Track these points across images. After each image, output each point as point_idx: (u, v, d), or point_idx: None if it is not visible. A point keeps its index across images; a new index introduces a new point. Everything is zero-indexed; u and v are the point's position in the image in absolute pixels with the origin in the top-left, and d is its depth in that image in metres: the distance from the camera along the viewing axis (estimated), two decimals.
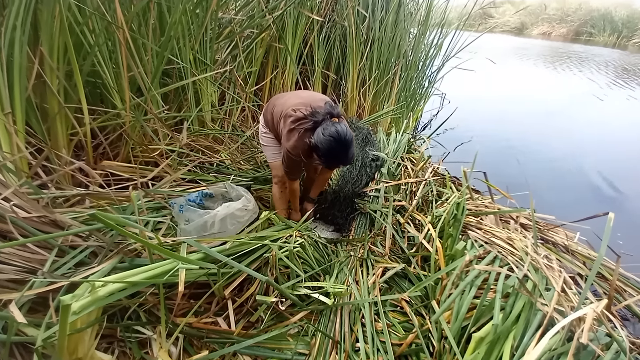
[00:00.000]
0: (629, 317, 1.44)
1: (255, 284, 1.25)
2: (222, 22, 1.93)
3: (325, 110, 1.30)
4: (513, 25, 16.40)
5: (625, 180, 2.71)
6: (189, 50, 1.75)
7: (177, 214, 1.31)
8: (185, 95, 1.84)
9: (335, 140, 1.22)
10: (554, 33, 14.88)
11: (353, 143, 1.28)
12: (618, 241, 1.93)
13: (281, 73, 2.34)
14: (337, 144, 1.23)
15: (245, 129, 2.16)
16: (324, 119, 1.27)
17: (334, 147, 1.23)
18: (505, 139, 3.44)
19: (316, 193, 1.74)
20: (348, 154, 1.27)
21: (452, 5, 3.00)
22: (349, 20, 2.44)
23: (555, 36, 14.60)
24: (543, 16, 15.54)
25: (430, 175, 1.84)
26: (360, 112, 2.92)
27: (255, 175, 1.81)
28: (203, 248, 1.05)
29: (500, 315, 0.99)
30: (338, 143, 1.23)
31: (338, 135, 1.22)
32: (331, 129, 1.23)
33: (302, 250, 1.35)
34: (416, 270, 1.41)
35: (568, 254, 1.49)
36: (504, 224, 1.53)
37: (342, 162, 1.32)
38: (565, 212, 1.72)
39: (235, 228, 1.30)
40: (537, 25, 15.65)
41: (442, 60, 3.11)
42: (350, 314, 1.24)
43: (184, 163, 1.68)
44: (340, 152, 1.26)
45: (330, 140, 1.22)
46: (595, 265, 0.96)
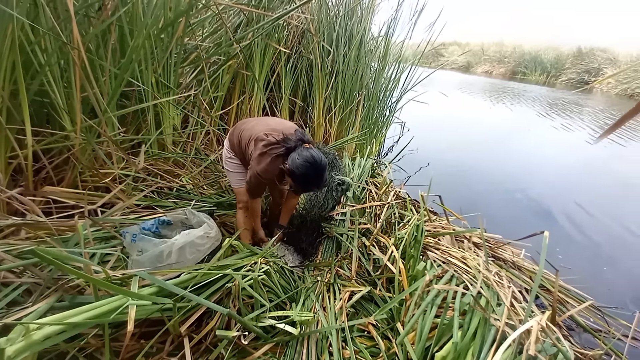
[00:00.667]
0: (574, 327, 1.57)
1: (215, 317, 1.17)
2: (187, 48, 1.93)
3: (297, 137, 1.34)
4: (460, 64, 18.57)
5: (558, 198, 3.07)
6: (151, 73, 1.72)
7: (129, 244, 1.21)
8: (144, 118, 1.77)
9: (311, 165, 1.25)
10: (494, 72, 17.02)
11: (327, 168, 1.33)
12: (558, 255, 2.14)
13: (248, 98, 2.37)
14: (313, 169, 1.26)
15: (209, 152, 2.12)
16: (297, 145, 1.31)
17: (310, 172, 1.26)
18: (456, 164, 3.75)
19: (285, 220, 1.72)
20: (322, 178, 1.31)
21: (408, 43, 3.32)
22: (315, 53, 2.59)
23: (496, 74, 16.68)
24: (484, 57, 17.79)
25: (393, 199, 1.92)
26: (327, 137, 3.02)
27: (219, 200, 1.76)
28: (157, 281, 0.97)
29: (459, 333, 1.04)
30: (313, 168, 1.26)
31: (313, 160, 1.26)
32: (306, 154, 1.26)
33: (268, 277, 1.31)
34: (382, 292, 1.43)
35: (516, 269, 1.62)
36: (459, 244, 1.63)
37: (316, 186, 1.35)
38: (511, 231, 1.89)
39: (195, 257, 1.23)
40: (480, 65, 17.83)
41: (400, 92, 3.39)
42: (318, 343, 1.20)
43: (140, 188, 1.58)
44: (315, 176, 1.29)
45: (306, 165, 1.25)
46: (536, 279, 1.06)
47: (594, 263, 2.14)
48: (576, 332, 1.55)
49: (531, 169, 3.87)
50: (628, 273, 2.09)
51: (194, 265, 1.21)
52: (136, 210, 1.53)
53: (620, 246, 2.39)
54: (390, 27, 3.04)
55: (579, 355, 1.36)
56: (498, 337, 1.02)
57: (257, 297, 1.17)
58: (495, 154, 4.37)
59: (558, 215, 2.75)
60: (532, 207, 2.86)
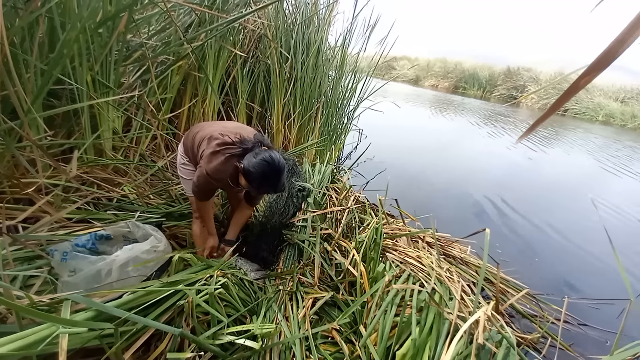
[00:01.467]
0: (514, 314, 1.73)
1: (166, 339, 1.06)
2: (131, 45, 1.77)
3: (256, 139, 1.29)
4: (410, 77, 20.04)
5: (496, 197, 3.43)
6: (87, 71, 1.54)
7: (58, 264, 1.05)
8: (78, 120, 1.57)
9: (268, 165, 1.20)
10: (440, 85, 18.66)
11: (285, 170, 1.28)
12: (497, 250, 2.38)
13: (201, 102, 2.25)
14: (270, 168, 1.21)
15: (157, 158, 1.95)
16: (254, 146, 1.26)
17: (267, 171, 1.21)
18: (408, 169, 4.00)
19: (234, 234, 1.58)
20: (280, 179, 1.25)
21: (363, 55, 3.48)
22: (272, 58, 2.57)
23: (441, 88, 18.30)
24: (431, 72, 19.42)
25: (353, 204, 1.97)
26: (286, 143, 3.00)
27: (168, 210, 1.62)
28: (93, 304, 0.85)
29: (417, 330, 1.08)
30: (271, 167, 1.21)
31: (271, 159, 1.21)
32: (264, 154, 1.21)
33: (225, 291, 1.23)
34: (344, 296, 1.44)
35: (464, 265, 1.75)
36: (414, 244, 1.72)
37: (273, 187, 1.27)
38: (458, 230, 2.05)
39: (140, 274, 1.11)
40: (427, 79, 19.41)
41: (357, 100, 3.52)
42: (281, 355, 1.15)
43: (72, 199, 1.39)
44: (272, 176, 1.23)
45: (263, 164, 1.20)
46: (481, 273, 1.15)
47: (527, 255, 2.41)
48: (516, 318, 1.72)
49: (471, 172, 4.28)
50: (555, 262, 2.39)
51: (140, 284, 1.09)
52: (68, 224, 1.33)
53: (546, 239, 2.73)
54: (345, 38, 3.15)
55: (520, 340, 1.51)
56: (452, 329, 1.09)
57: (214, 313, 1.09)
58: (442, 160, 4.75)
59: (495, 213, 3.07)
60: (474, 207, 3.15)
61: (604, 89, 14.84)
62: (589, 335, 1.70)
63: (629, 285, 0.89)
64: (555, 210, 3.43)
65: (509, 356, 1.07)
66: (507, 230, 2.76)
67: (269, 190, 1.34)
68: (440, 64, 19.44)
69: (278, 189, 1.28)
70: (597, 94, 14.47)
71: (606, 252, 2.59)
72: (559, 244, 2.68)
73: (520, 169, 4.70)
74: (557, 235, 2.82)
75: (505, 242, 2.53)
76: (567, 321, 1.75)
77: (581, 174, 4.94)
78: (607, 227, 3.02)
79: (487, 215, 3.01)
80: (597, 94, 14.54)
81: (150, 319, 1.04)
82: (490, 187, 3.80)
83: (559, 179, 4.47)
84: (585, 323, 1.77)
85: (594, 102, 13.84)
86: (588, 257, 2.53)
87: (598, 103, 13.72)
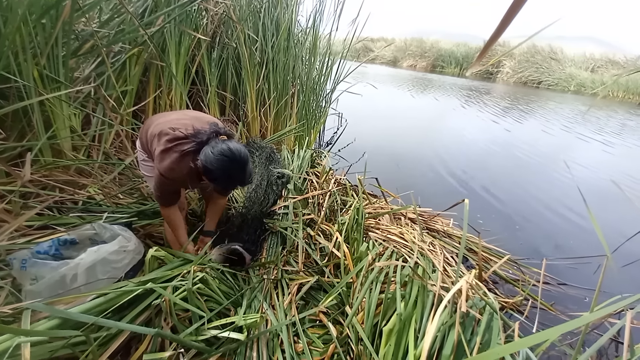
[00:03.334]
0: (498, 281, 1.78)
1: (145, 341, 1.02)
2: (81, 35, 1.63)
3: (211, 129, 1.16)
4: (388, 58, 19.95)
5: (476, 170, 3.49)
6: (32, 66, 1.41)
7: (18, 273, 0.97)
8: (29, 121, 1.45)
9: (228, 159, 1.08)
10: (418, 65, 18.69)
11: (249, 160, 1.16)
12: (479, 221, 2.43)
13: (167, 93, 2.12)
14: (231, 162, 1.09)
15: (123, 156, 1.84)
16: (210, 137, 1.13)
17: (228, 166, 1.09)
18: (389, 150, 4.00)
19: (212, 225, 1.49)
20: (244, 172, 1.13)
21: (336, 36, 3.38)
22: (240, 41, 2.44)
23: (419, 68, 18.34)
24: (408, 52, 19.37)
25: (334, 186, 1.94)
26: (264, 131, 2.91)
27: (140, 209, 1.54)
28: (55, 311, 0.79)
29: (402, 304, 1.08)
30: (232, 161, 1.09)
31: (231, 152, 1.08)
32: (221, 147, 1.09)
33: (205, 285, 1.18)
34: (330, 279, 1.43)
35: (447, 237, 1.77)
36: (397, 221, 1.72)
37: (238, 182, 1.17)
38: (440, 204, 2.06)
39: (110, 277, 1.05)
40: (405, 59, 19.38)
41: (333, 83, 3.44)
42: (268, 343, 1.13)
43: (33, 205, 1.29)
44: (235, 170, 1.11)
45: (221, 158, 1.07)
46: (462, 241, 1.16)
47: (508, 225, 2.48)
48: (500, 284, 1.77)
49: (451, 148, 4.33)
50: (535, 229, 2.47)
51: (111, 286, 1.03)
52: (28, 232, 1.24)
53: (526, 207, 2.82)
54: (316, 19, 3.04)
55: (503, 304, 1.56)
56: (435, 300, 1.09)
57: (192, 309, 1.05)
58: (422, 138, 4.78)
59: (476, 187, 3.13)
60: (455, 182, 3.20)
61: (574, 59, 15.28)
62: (568, 293, 1.78)
63: (603, 241, 0.91)
64: (533, 178, 3.53)
65: (493, 321, 1.09)
66: (488, 202, 2.82)
67: (234, 187, 1.23)
68: (416, 44, 19.42)
69: (245, 182, 1.18)
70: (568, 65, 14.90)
71: (583, 214, 2.70)
72: (539, 211, 2.76)
73: (498, 142, 4.80)
74: (536, 203, 2.91)
75: (487, 214, 2.59)
76: (547, 282, 1.82)
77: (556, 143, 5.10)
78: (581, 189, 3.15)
79: (470, 189, 3.07)
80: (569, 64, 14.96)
81: (126, 321, 0.99)
82: (470, 161, 3.86)
83: (535, 149, 4.59)
84: (565, 282, 1.85)
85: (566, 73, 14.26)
86: (566, 222, 2.64)
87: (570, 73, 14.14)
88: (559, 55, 15.25)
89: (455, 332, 0.96)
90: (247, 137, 2.72)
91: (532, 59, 15.15)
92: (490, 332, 1.05)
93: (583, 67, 14.84)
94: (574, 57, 15.26)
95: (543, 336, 0.72)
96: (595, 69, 14.87)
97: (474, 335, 1.03)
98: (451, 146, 4.43)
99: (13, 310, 0.92)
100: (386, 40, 21.15)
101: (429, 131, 5.20)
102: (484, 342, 1.02)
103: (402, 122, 5.57)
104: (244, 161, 1.12)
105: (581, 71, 14.29)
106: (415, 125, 5.52)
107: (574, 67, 14.60)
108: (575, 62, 15.04)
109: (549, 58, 15.06)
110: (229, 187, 1.22)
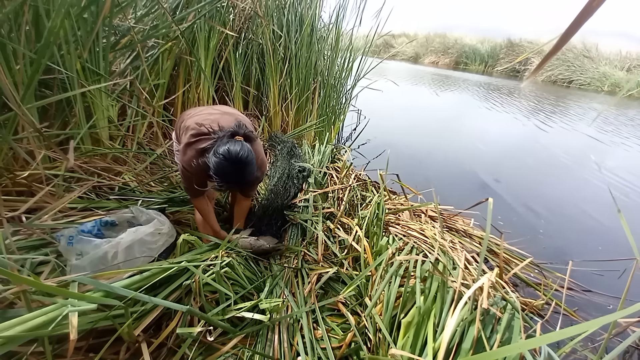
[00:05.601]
0: (518, 284, 1.75)
1: (176, 318, 1.09)
2: (119, 30, 1.73)
3: (230, 129, 1.20)
4: (410, 55, 19.51)
5: (499, 172, 3.40)
6: (75, 59, 1.51)
7: (65, 249, 1.06)
8: (72, 110, 1.55)
9: (225, 160, 1.12)
10: (440, 62, 18.16)
11: (250, 162, 1.18)
12: (499, 222, 2.38)
13: (195, 87, 2.21)
14: (228, 163, 1.13)
15: (155, 146, 1.93)
16: (224, 136, 1.17)
17: (224, 167, 1.13)
18: (410, 148, 3.96)
19: (240, 223, 1.58)
20: (241, 174, 1.17)
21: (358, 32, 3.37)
22: (265, 38, 2.49)
23: (441, 64, 17.82)
24: (431, 48, 18.87)
25: (354, 181, 1.96)
26: (285, 126, 2.96)
27: (170, 196, 1.62)
28: (100, 284, 0.87)
29: (421, 298, 1.09)
30: (228, 162, 1.13)
31: (229, 154, 1.12)
32: (222, 148, 1.13)
33: (231, 270, 1.24)
34: (348, 271, 1.46)
35: (467, 237, 1.76)
36: (417, 218, 1.72)
37: (234, 182, 1.19)
38: (461, 204, 2.04)
39: (147, 257, 1.13)
40: (427, 56, 18.88)
41: (354, 79, 3.44)
42: (289, 328, 1.18)
43: (73, 189, 1.39)
44: (231, 171, 1.14)
45: (219, 159, 1.12)
46: (484, 242, 1.15)
47: (531, 228, 2.41)
48: (520, 287, 1.73)
49: (474, 148, 4.23)
50: (559, 234, 2.38)
51: (147, 265, 1.10)
52: (71, 213, 1.34)
53: (551, 211, 2.72)
54: (339, 14, 3.04)
55: (524, 306, 1.53)
56: (455, 297, 1.10)
57: (220, 289, 1.11)
58: (444, 137, 4.69)
59: (498, 188, 3.05)
60: (477, 182, 3.13)
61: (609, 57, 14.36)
62: (592, 300, 1.72)
63: (633, 243, 0.89)
64: (561, 181, 3.40)
65: (514, 320, 1.08)
66: (510, 204, 2.75)
67: (231, 186, 1.25)
68: (439, 40, 18.85)
69: (240, 183, 1.21)
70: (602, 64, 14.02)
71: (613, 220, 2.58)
72: (565, 215, 2.66)
73: (523, 143, 4.63)
74: (562, 207, 2.81)
75: (509, 216, 2.53)
76: (571, 288, 1.77)
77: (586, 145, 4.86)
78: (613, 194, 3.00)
79: (491, 190, 3.00)
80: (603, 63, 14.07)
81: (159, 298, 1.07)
82: (493, 162, 3.76)
83: (563, 151, 4.40)
84: (589, 289, 1.78)
85: (600, 72, 13.43)
86: (594, 227, 2.53)
87: (604, 73, 13.31)
88: (592, 53, 14.37)
89: (475, 328, 0.97)
90: (269, 132, 2.78)
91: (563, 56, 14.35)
92: (511, 331, 1.05)
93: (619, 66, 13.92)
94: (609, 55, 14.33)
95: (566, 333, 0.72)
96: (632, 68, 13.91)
97: (494, 333, 1.03)
98: (473, 146, 4.32)
99: (58, 283, 1.01)
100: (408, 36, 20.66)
101: (450, 130, 5.09)
102: (504, 340, 1.02)
103: (424, 120, 5.49)
104: (241, 163, 1.15)
105: (616, 70, 13.42)
106: (437, 123, 5.42)
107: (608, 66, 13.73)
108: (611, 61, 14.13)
109: (581, 56, 14.23)
110: (227, 187, 1.25)
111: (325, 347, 1.12)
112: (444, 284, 1.14)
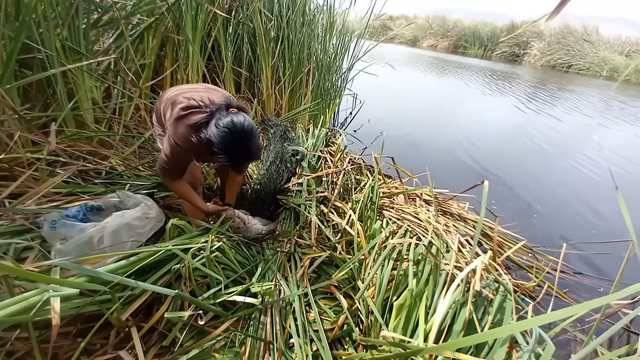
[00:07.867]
0: (511, 266, 1.76)
1: (166, 302, 1.08)
2: (100, 6, 1.63)
3: (223, 102, 1.13)
4: (408, 38, 19.06)
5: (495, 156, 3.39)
6: (54, 37, 1.43)
7: (48, 233, 1.03)
8: (53, 92, 1.48)
9: (230, 132, 1.04)
10: (439, 45, 17.78)
11: (255, 135, 1.10)
12: (493, 207, 2.38)
13: (183, 67, 2.12)
14: (234, 135, 1.05)
15: (143, 130, 1.87)
16: (218, 110, 1.09)
17: (231, 140, 1.05)
18: (406, 132, 3.91)
19: (232, 199, 1.51)
20: (250, 146, 1.09)
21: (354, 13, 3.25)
22: (256, 17, 2.39)
23: (440, 48, 17.45)
24: (430, 31, 18.42)
25: (349, 165, 1.93)
26: (278, 109, 2.89)
27: (159, 180, 1.58)
28: (83, 269, 0.84)
29: (414, 281, 1.08)
30: (235, 134, 1.05)
31: (234, 126, 1.04)
32: (225, 120, 1.05)
33: (222, 254, 1.23)
34: (342, 255, 1.45)
35: (461, 220, 1.75)
36: (411, 201, 1.70)
37: (245, 156, 1.13)
38: (456, 188, 2.02)
39: (134, 242, 1.10)
40: (426, 39, 18.45)
41: (350, 62, 3.34)
42: (281, 311, 1.18)
43: (57, 173, 1.35)
44: (240, 144, 1.07)
45: (225, 132, 1.04)
46: (478, 225, 1.14)
47: (525, 212, 2.41)
48: (513, 270, 1.75)
49: (471, 133, 4.19)
50: (553, 218, 2.39)
51: (134, 249, 1.08)
52: (55, 198, 1.30)
53: (545, 195, 2.72)
54: None
55: (516, 288, 1.55)
56: (448, 279, 1.09)
57: (210, 274, 1.09)
58: (441, 122, 4.64)
59: (494, 172, 3.04)
60: (473, 167, 3.12)
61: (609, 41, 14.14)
62: (583, 283, 1.74)
63: (630, 225, 0.87)
64: (555, 167, 3.39)
65: (506, 302, 1.09)
66: (505, 189, 2.75)
67: (241, 161, 1.18)
68: (439, 22, 18.38)
69: (252, 157, 1.14)
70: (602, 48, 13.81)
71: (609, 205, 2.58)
72: (559, 200, 2.67)
73: (520, 129, 4.60)
74: (556, 191, 2.81)
75: (504, 201, 2.53)
76: (563, 271, 1.78)
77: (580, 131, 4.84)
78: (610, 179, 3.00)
79: (487, 174, 2.99)
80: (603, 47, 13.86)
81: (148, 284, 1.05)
82: (489, 147, 3.74)
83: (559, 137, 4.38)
84: (580, 272, 1.81)
85: (599, 57, 13.25)
86: (588, 212, 2.53)
87: (603, 57, 13.13)
88: (593, 37, 14.13)
89: (467, 310, 0.97)
90: (262, 115, 2.71)
91: (564, 40, 14.10)
92: (503, 313, 1.05)
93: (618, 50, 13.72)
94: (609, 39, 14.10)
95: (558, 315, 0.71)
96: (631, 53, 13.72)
97: (486, 315, 1.03)
98: (470, 131, 4.28)
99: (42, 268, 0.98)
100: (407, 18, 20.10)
101: (447, 114, 5.03)
102: (495, 321, 1.02)
103: (420, 105, 5.41)
104: (248, 135, 1.08)
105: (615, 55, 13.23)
106: (434, 108, 5.35)
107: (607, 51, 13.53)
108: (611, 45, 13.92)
109: (582, 40, 14.00)
110: (235, 162, 1.17)
111: (318, 330, 1.12)
112: (436, 267, 1.14)
